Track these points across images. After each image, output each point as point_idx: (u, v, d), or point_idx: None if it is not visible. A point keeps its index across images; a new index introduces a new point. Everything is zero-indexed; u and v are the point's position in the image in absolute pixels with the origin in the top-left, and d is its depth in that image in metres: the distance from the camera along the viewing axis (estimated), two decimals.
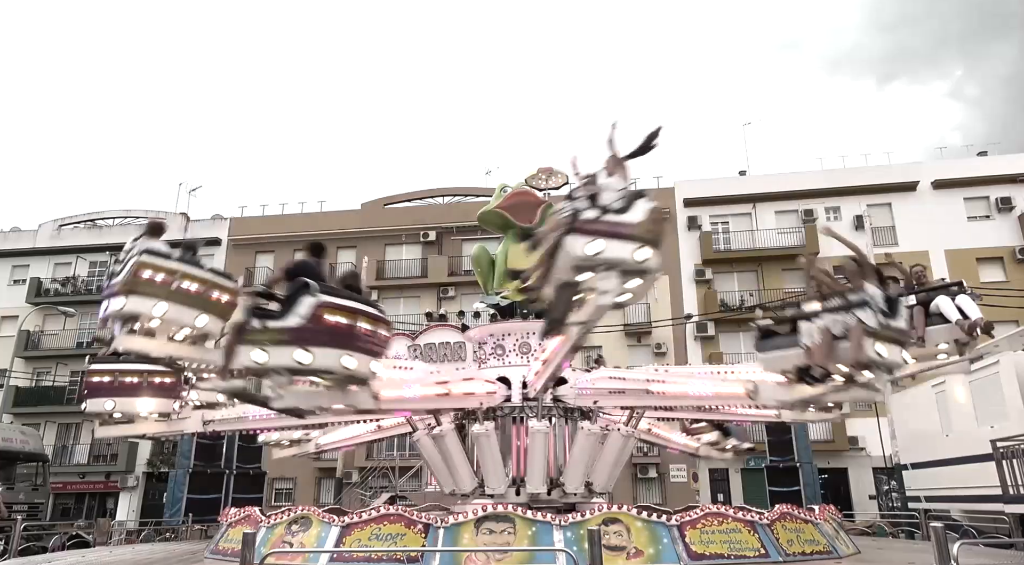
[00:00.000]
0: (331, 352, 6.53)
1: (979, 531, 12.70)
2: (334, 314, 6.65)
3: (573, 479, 9.83)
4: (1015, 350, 13.21)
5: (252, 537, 6.24)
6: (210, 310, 7.87)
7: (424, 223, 32.67)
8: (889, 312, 7.30)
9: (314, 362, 6.45)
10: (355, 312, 6.78)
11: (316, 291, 6.63)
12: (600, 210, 6.40)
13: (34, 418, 30.32)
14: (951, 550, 5.52)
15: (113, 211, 37.02)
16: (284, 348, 6.46)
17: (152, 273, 7.47)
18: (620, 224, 6.33)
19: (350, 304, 6.82)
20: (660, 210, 6.69)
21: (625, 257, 6.26)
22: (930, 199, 29.70)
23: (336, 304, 6.69)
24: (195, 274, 7.81)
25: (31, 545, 14.33)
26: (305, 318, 6.50)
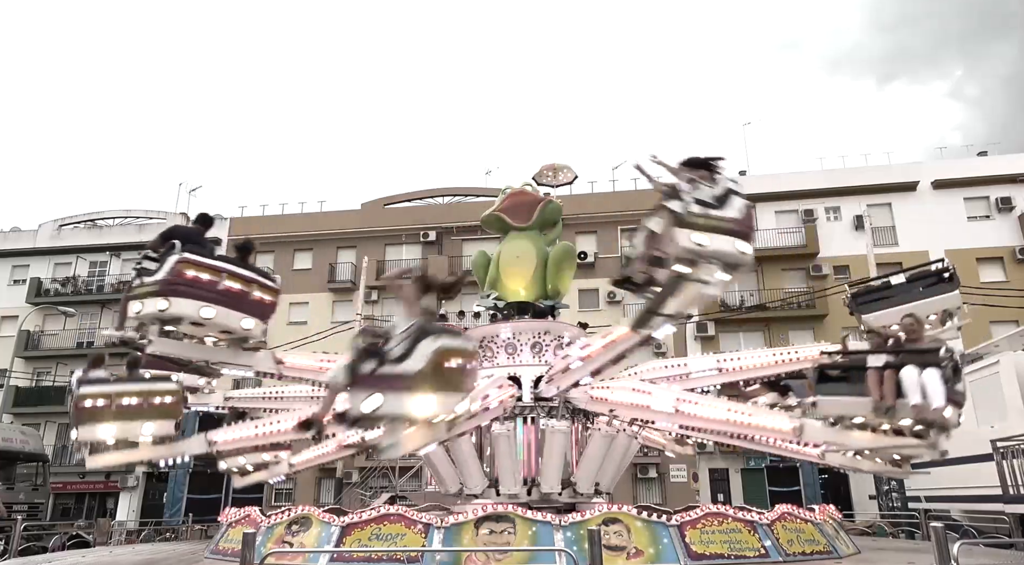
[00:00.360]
0: (188, 302, 7.00)
1: (979, 531, 12.70)
2: (194, 269, 7.14)
3: (585, 479, 9.83)
4: (1015, 350, 13.21)
5: (252, 537, 6.23)
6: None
7: (424, 223, 32.67)
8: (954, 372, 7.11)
9: (169, 310, 6.92)
10: (218, 270, 7.25)
11: (179, 250, 7.27)
12: (703, 205, 6.81)
13: (34, 418, 30.30)
14: (951, 550, 5.51)
15: (113, 211, 37.01)
16: (152, 299, 7.07)
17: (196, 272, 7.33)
18: (723, 219, 6.83)
19: (212, 262, 7.33)
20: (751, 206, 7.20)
21: (728, 249, 6.78)
22: (930, 199, 29.70)
23: (196, 261, 7.19)
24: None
25: (31, 545, 14.33)
26: (168, 272, 7.09)
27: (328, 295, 32.55)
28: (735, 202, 6.99)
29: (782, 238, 29.91)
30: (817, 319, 28.03)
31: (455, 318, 23.10)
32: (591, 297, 30.15)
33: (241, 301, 7.67)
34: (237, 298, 7.59)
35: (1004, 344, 13.84)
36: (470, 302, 30.36)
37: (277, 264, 33.15)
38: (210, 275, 7.42)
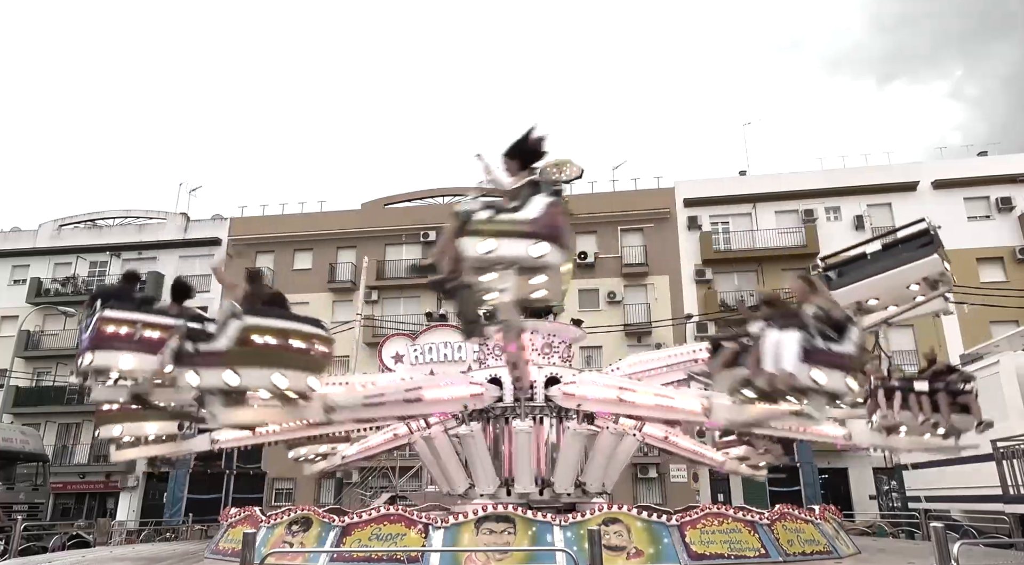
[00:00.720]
0: (260, 372, 6.64)
1: (979, 531, 12.70)
2: (262, 335, 6.77)
3: (563, 479, 9.81)
4: (1015, 350, 13.22)
5: (252, 537, 6.23)
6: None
7: (424, 223, 32.65)
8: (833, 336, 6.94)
9: (242, 382, 6.55)
10: (286, 332, 6.86)
11: (243, 313, 6.75)
12: (493, 209, 6.26)
13: (34, 418, 30.31)
14: (951, 550, 5.51)
15: (113, 211, 36.99)
16: (214, 370, 6.59)
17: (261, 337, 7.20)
18: (515, 221, 6.19)
19: (280, 324, 6.88)
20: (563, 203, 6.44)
21: (520, 254, 6.11)
22: (930, 199, 29.69)
23: (264, 325, 6.77)
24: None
25: (31, 545, 14.33)
26: (233, 340, 6.60)
27: (328, 295, 32.55)
28: (536, 201, 6.27)
29: (782, 238, 29.91)
30: None
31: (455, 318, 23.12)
32: (591, 297, 30.14)
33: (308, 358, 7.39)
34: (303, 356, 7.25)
35: (1004, 344, 13.86)
36: None
37: (277, 264, 33.18)
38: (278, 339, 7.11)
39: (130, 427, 9.80)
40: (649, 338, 28.66)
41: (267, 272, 32.91)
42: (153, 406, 9.02)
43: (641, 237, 31.18)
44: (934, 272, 8.36)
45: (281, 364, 6.77)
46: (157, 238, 34.66)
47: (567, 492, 9.86)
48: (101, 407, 9.70)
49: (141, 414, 9.60)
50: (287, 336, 6.84)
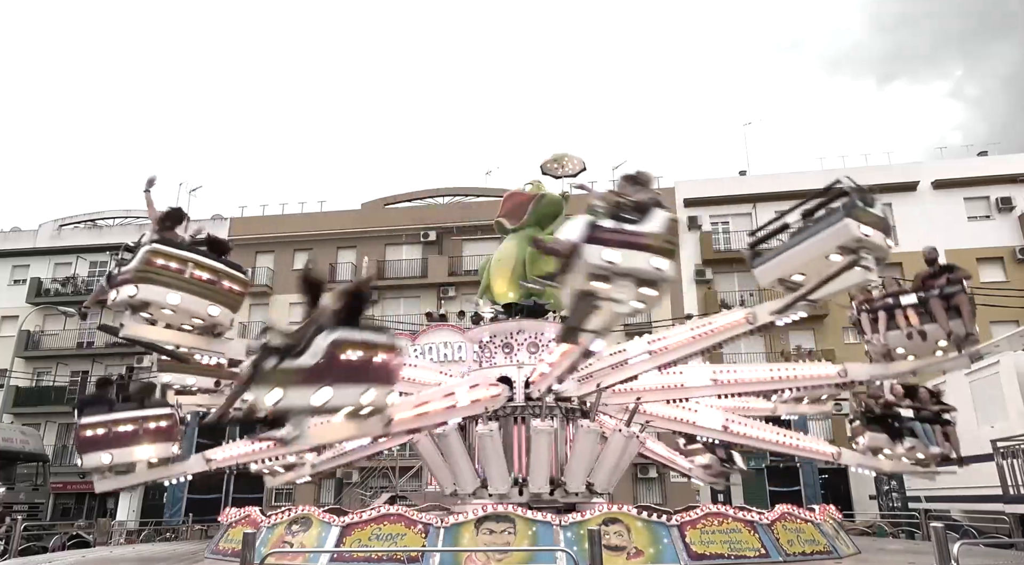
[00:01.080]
0: (350, 389, 6.23)
1: (979, 531, 12.71)
2: (163, 258, 7.06)
3: (575, 479, 9.83)
4: (1015, 350, 13.22)
5: (252, 537, 6.24)
6: (220, 300, 8.06)
7: (424, 223, 32.66)
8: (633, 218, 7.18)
9: (332, 400, 6.14)
10: (372, 346, 6.40)
11: (331, 329, 6.32)
12: (618, 220, 6.54)
13: (34, 418, 30.30)
14: (951, 550, 5.52)
15: (113, 211, 36.99)
16: (300, 388, 6.13)
17: (165, 261, 7.68)
18: (637, 234, 6.49)
19: (365, 337, 6.44)
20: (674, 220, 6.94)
21: (642, 266, 6.41)
22: (930, 199, 29.70)
23: (352, 340, 6.31)
24: (206, 263, 8.02)
25: (31, 545, 14.34)
26: (320, 356, 6.14)
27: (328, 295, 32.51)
28: (656, 216, 6.64)
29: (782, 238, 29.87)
30: (817, 320, 28.00)
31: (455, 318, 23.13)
32: None
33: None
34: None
35: (1004, 344, 13.86)
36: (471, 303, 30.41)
37: (277, 264, 33.17)
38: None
39: (120, 453, 8.93)
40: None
41: (267, 272, 33.05)
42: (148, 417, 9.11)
43: None
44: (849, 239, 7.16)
45: (368, 380, 6.34)
46: None
47: (576, 492, 9.87)
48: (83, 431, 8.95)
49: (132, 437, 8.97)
50: (372, 350, 6.37)
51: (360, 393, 6.22)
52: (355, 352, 6.23)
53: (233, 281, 8.21)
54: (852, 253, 7.27)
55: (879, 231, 7.40)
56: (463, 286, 30.85)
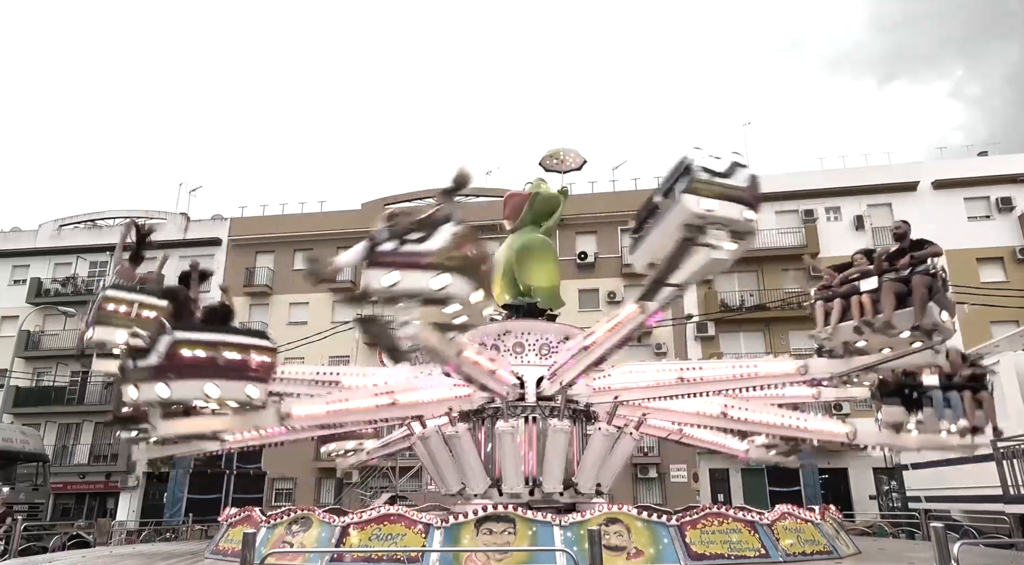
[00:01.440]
0: (190, 383, 6.76)
1: (979, 531, 12.70)
2: (191, 349, 6.96)
3: (586, 479, 9.83)
4: (1015, 350, 13.21)
5: (252, 537, 6.23)
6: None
7: None
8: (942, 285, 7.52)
9: (173, 394, 6.71)
10: (216, 344, 7.02)
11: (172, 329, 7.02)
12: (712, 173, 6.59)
13: (34, 418, 30.31)
14: (951, 550, 5.51)
15: (113, 211, 36.99)
16: (148, 384, 6.78)
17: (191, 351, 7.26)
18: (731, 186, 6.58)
19: (209, 337, 7.10)
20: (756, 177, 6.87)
21: (736, 216, 6.49)
22: (930, 199, 29.71)
23: (192, 339, 6.97)
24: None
25: (31, 545, 14.33)
26: (163, 355, 6.78)
27: (328, 295, 32.51)
28: (741, 172, 6.80)
29: (782, 238, 29.91)
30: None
31: None
32: (591, 297, 30.15)
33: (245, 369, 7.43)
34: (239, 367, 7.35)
35: (1004, 344, 13.86)
36: None
37: (277, 264, 33.18)
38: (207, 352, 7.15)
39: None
40: (649, 338, 28.67)
41: (267, 272, 33.04)
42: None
43: None
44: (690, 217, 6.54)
45: (212, 375, 6.97)
46: (157, 238, 34.45)
47: (587, 492, 9.88)
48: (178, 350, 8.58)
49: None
50: (218, 348, 7.05)
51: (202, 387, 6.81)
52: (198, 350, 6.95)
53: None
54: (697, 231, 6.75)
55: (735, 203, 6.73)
56: None
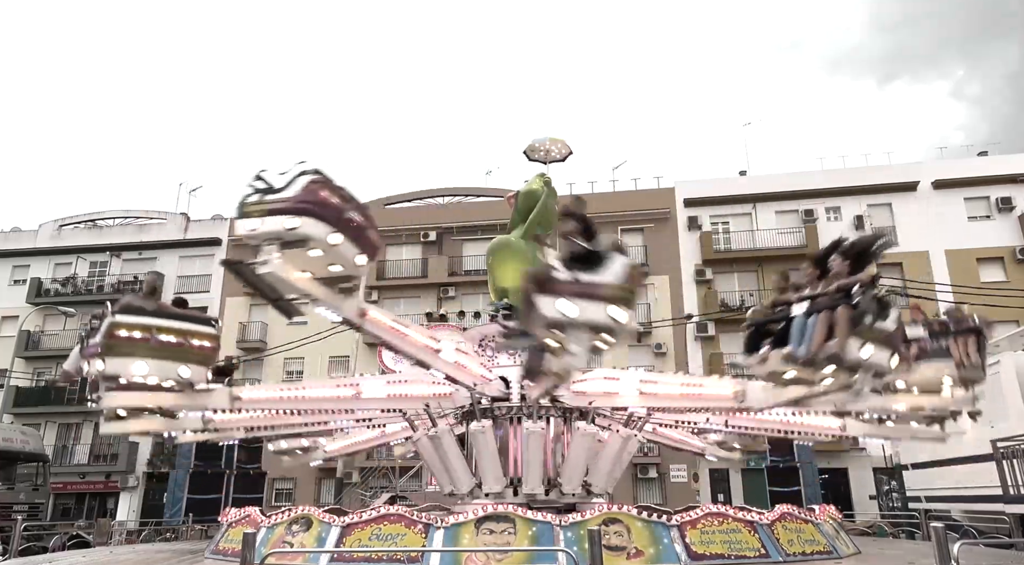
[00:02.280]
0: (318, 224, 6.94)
1: (979, 531, 12.70)
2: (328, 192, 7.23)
3: (571, 480, 9.82)
4: (1015, 350, 13.21)
5: (252, 537, 6.25)
6: (190, 359, 8.21)
7: (424, 223, 32.66)
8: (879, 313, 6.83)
9: (301, 228, 6.87)
10: (349, 199, 7.35)
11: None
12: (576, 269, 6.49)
13: (34, 418, 30.30)
14: (951, 550, 5.52)
15: (113, 211, 36.99)
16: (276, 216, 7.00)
17: (127, 332, 7.98)
18: (595, 285, 6.43)
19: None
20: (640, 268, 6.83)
21: (599, 318, 6.37)
22: (930, 199, 29.70)
23: (331, 185, 7.30)
24: (172, 326, 8.19)
25: (31, 545, 14.32)
26: (299, 190, 7.15)
27: None
28: (615, 264, 6.55)
29: (782, 238, 29.92)
30: None
31: (455, 318, 23.11)
32: None
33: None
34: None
35: (1004, 344, 13.84)
36: (471, 303, 30.45)
37: None
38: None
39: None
40: (649, 338, 28.68)
41: None
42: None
43: (641, 237, 31.17)
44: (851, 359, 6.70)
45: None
46: (157, 238, 34.65)
47: (573, 492, 9.85)
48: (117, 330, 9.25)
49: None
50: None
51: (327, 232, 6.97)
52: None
53: (202, 338, 8.32)
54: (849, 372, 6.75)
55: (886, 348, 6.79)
56: (463, 286, 30.88)
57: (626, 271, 6.57)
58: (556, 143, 12.30)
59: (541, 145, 12.30)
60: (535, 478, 9.58)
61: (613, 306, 6.43)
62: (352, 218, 7.24)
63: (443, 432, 9.99)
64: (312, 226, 6.79)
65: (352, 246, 7.18)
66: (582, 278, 6.48)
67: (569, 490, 9.80)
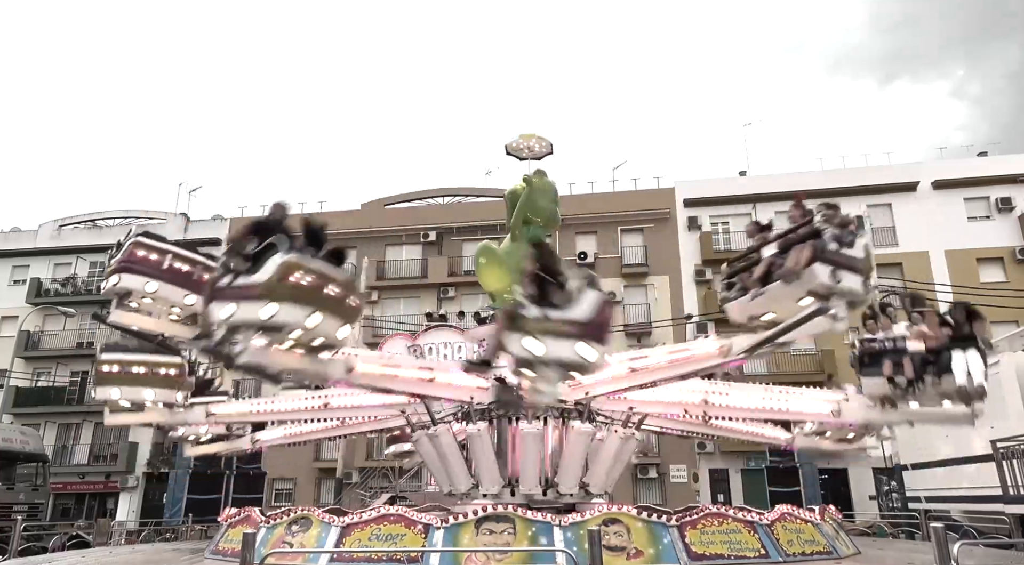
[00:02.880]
0: (296, 309, 6.54)
1: (979, 531, 12.69)
2: (301, 274, 6.70)
3: (568, 480, 9.81)
4: (1015, 350, 13.21)
5: (252, 537, 6.24)
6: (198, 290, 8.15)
7: (424, 223, 32.67)
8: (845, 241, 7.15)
9: (277, 317, 6.44)
10: (324, 275, 6.83)
11: (284, 250, 6.72)
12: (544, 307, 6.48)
13: (34, 418, 30.30)
14: (951, 550, 5.52)
15: (113, 211, 37.01)
16: (252, 303, 6.50)
17: (146, 252, 8.21)
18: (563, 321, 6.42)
19: (320, 267, 6.84)
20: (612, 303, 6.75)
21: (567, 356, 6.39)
22: (930, 199, 29.71)
23: (304, 264, 6.70)
24: (186, 255, 8.47)
25: (31, 545, 14.31)
26: (273, 274, 6.52)
27: None
28: (586, 299, 6.59)
29: None
30: None
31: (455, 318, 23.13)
32: None
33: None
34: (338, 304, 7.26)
35: (1004, 344, 13.85)
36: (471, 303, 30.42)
37: None
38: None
39: (128, 391, 9.89)
40: (649, 338, 28.66)
41: None
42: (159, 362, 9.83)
43: (641, 237, 31.19)
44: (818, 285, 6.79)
45: (317, 305, 6.69)
46: None
47: (571, 493, 9.83)
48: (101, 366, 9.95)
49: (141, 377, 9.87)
50: (325, 280, 6.80)
51: (305, 315, 6.54)
52: (307, 276, 6.61)
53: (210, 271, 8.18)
54: (823, 299, 6.90)
55: (855, 273, 6.99)
56: (463, 286, 30.88)
57: (596, 307, 6.57)
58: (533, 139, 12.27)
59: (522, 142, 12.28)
60: (532, 479, 9.58)
61: (582, 343, 6.43)
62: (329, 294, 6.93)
63: (442, 432, 9.98)
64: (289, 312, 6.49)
65: (333, 320, 6.94)
66: (550, 315, 6.45)
67: (566, 490, 9.79)
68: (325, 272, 6.80)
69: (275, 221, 7.20)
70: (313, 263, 6.75)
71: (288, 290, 6.45)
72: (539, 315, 6.49)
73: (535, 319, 6.48)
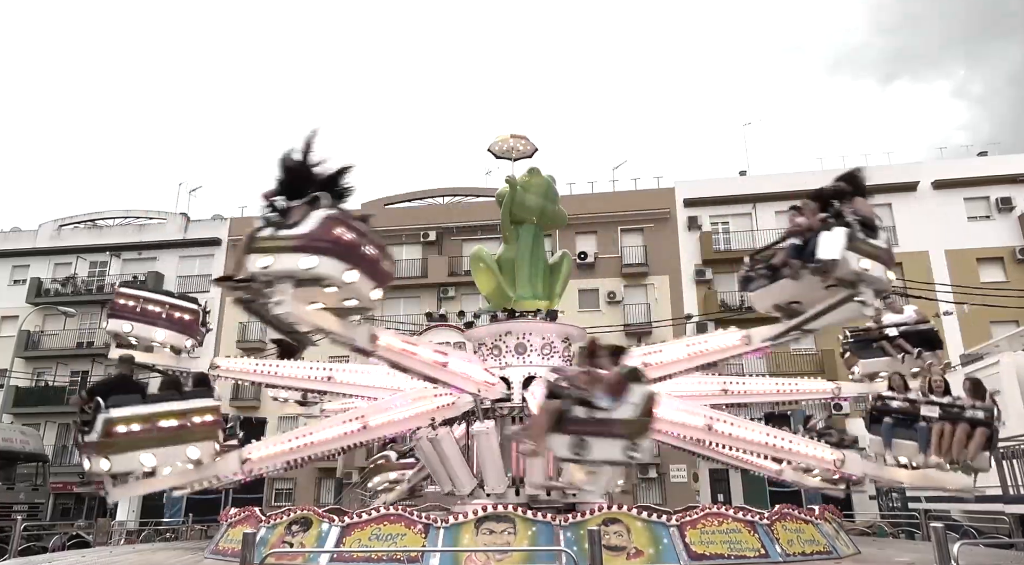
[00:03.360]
0: (335, 263, 6.58)
1: (979, 531, 12.70)
2: (343, 229, 6.77)
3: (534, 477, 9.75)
4: (1015, 350, 13.22)
5: (252, 537, 6.24)
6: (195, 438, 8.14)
7: (424, 223, 32.68)
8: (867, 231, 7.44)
9: (317, 268, 6.50)
10: (364, 233, 6.95)
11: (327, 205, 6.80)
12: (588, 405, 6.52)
13: (34, 418, 30.30)
14: (951, 550, 5.52)
15: (113, 211, 37.01)
16: (291, 254, 6.55)
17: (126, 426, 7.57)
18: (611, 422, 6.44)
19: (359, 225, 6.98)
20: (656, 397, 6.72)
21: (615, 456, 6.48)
22: (930, 199, 29.71)
23: (346, 220, 6.84)
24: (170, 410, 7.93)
25: (31, 545, 14.32)
26: (315, 227, 6.61)
27: None
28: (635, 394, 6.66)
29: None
30: None
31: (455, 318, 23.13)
32: (591, 297, 30.15)
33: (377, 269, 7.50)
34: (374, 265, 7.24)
35: (1004, 344, 13.88)
36: (471, 303, 30.43)
37: None
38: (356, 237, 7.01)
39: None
40: (649, 338, 28.63)
41: None
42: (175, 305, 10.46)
43: (641, 237, 31.19)
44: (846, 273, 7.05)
45: (355, 262, 6.80)
46: (157, 238, 34.67)
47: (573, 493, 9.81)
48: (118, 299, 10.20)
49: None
50: (365, 239, 6.93)
51: (343, 270, 6.62)
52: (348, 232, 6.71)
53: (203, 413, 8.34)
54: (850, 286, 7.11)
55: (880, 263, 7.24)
56: (463, 286, 30.88)
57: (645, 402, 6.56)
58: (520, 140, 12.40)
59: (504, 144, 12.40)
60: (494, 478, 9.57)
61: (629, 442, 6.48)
62: (367, 253, 6.98)
63: (443, 435, 9.95)
64: (329, 265, 6.55)
65: (368, 280, 7.00)
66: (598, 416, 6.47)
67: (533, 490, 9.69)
68: (365, 231, 6.97)
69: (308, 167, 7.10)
70: (355, 221, 6.91)
71: (330, 244, 6.54)
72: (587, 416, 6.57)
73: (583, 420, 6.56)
